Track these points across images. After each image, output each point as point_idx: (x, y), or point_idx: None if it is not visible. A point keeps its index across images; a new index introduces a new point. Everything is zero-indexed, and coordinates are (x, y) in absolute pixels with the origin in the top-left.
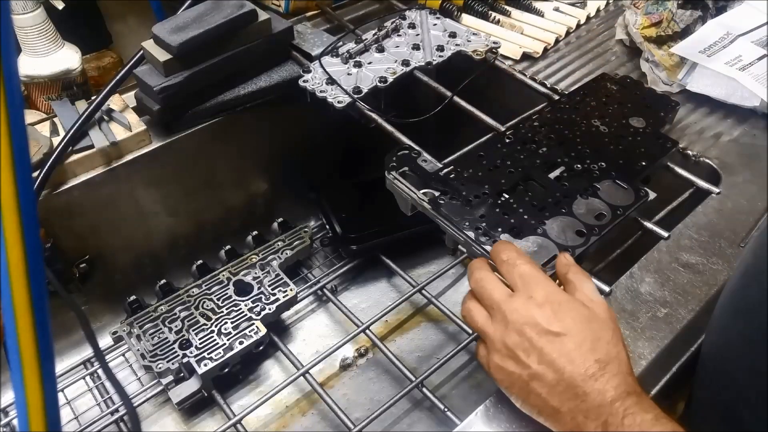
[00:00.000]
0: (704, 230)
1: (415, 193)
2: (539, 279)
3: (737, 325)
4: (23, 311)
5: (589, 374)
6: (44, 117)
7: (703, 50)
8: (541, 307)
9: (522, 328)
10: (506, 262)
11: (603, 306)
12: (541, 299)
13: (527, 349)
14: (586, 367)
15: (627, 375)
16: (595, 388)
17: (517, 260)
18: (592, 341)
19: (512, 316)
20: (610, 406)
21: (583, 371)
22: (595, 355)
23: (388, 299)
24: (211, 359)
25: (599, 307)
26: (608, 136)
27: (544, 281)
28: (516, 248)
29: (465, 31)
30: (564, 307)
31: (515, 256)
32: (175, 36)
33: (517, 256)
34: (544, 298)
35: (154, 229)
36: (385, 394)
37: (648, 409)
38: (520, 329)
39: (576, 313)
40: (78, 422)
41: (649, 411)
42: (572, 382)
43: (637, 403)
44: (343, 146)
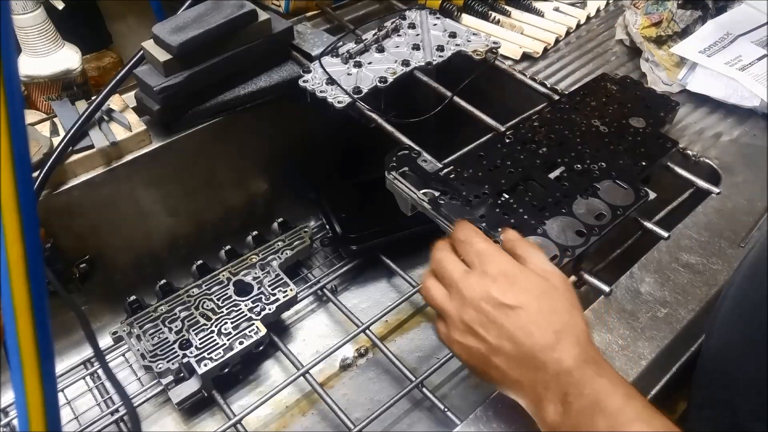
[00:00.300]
0: (704, 230)
1: (415, 193)
2: (494, 255)
3: (739, 326)
4: (23, 311)
5: (546, 345)
6: (44, 117)
7: (703, 50)
8: (495, 281)
9: (479, 304)
10: (463, 241)
11: (557, 275)
12: (495, 273)
13: (485, 324)
14: (544, 338)
15: (585, 343)
16: (553, 357)
17: (473, 239)
18: (548, 312)
19: (468, 293)
20: (568, 375)
21: (540, 342)
22: (552, 326)
23: (388, 299)
24: (211, 359)
25: (554, 276)
26: (608, 136)
27: (498, 256)
28: (473, 228)
29: (465, 31)
30: (519, 279)
31: (472, 234)
32: (175, 36)
33: (473, 234)
34: (498, 272)
35: (154, 229)
36: (385, 394)
37: (606, 375)
38: (477, 305)
39: (531, 285)
40: (78, 422)
41: (605, 377)
42: (530, 354)
43: (596, 372)
44: (343, 146)
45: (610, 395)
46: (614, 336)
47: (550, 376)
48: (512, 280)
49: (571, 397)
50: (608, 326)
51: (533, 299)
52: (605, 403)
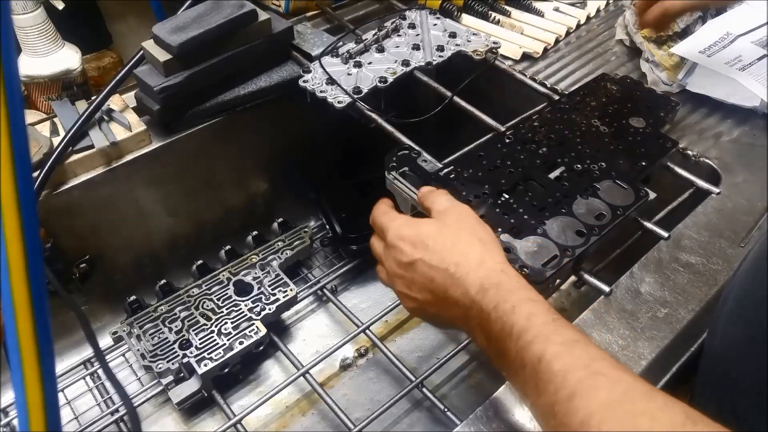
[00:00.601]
0: (704, 230)
1: (415, 193)
2: (387, 225)
3: (740, 326)
4: (23, 311)
5: (449, 283)
6: (44, 117)
7: (703, 50)
8: (394, 248)
9: (394, 271)
10: (373, 223)
11: (451, 213)
12: (392, 241)
13: (407, 285)
14: (444, 276)
15: (488, 268)
16: (460, 291)
17: (374, 218)
18: (442, 251)
19: (386, 265)
20: (474, 306)
21: (444, 282)
22: (448, 263)
23: (388, 299)
24: (211, 359)
25: (447, 215)
26: (608, 136)
27: (392, 224)
28: (379, 207)
29: (465, 31)
30: (411, 236)
31: (375, 214)
32: (175, 36)
33: (376, 214)
34: (394, 238)
35: (154, 229)
36: (385, 394)
37: (508, 298)
38: (393, 272)
39: (423, 235)
40: (78, 422)
41: (508, 300)
42: (443, 295)
43: (497, 294)
44: (343, 146)
45: (514, 318)
46: (614, 336)
47: (464, 311)
48: (408, 240)
49: (484, 323)
50: (608, 326)
51: (425, 248)
52: (510, 327)
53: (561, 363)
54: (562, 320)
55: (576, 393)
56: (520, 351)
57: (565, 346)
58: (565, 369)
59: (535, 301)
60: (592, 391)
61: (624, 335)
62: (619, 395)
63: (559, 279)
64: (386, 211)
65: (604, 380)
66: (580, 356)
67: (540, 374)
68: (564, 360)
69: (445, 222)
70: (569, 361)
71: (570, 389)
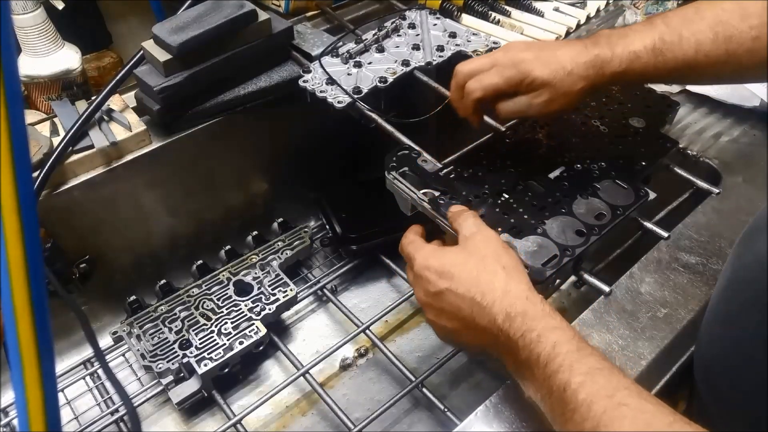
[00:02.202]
0: (704, 230)
1: (415, 193)
2: (414, 254)
3: (724, 335)
4: (23, 311)
5: (477, 312)
6: (44, 117)
7: None
8: (421, 278)
9: (423, 301)
10: (401, 250)
11: (478, 239)
12: (420, 271)
13: (437, 314)
14: (472, 306)
15: (505, 298)
16: (485, 322)
17: (402, 247)
18: (468, 281)
19: (416, 294)
20: (501, 334)
21: (472, 312)
22: (475, 292)
23: (388, 299)
24: (211, 359)
25: (474, 242)
26: (608, 136)
27: (419, 254)
28: (407, 235)
29: (465, 31)
30: (438, 266)
31: (403, 243)
32: (175, 36)
33: (404, 243)
34: (420, 268)
35: (154, 229)
36: (385, 394)
37: (535, 327)
38: (423, 302)
39: (449, 264)
40: (78, 422)
41: (534, 329)
42: (472, 323)
43: (523, 322)
44: (343, 146)
45: (540, 347)
46: (614, 336)
47: (493, 336)
48: (434, 270)
49: (512, 351)
50: (608, 326)
51: (451, 277)
52: (537, 356)
53: (585, 393)
54: (586, 347)
55: (601, 424)
56: (547, 379)
57: (589, 375)
58: (590, 399)
59: (560, 329)
60: (616, 422)
61: (624, 335)
62: (643, 425)
63: (559, 279)
64: (413, 240)
65: (627, 411)
66: (604, 386)
67: (566, 403)
68: (588, 389)
69: (469, 250)
70: (593, 391)
71: (595, 420)
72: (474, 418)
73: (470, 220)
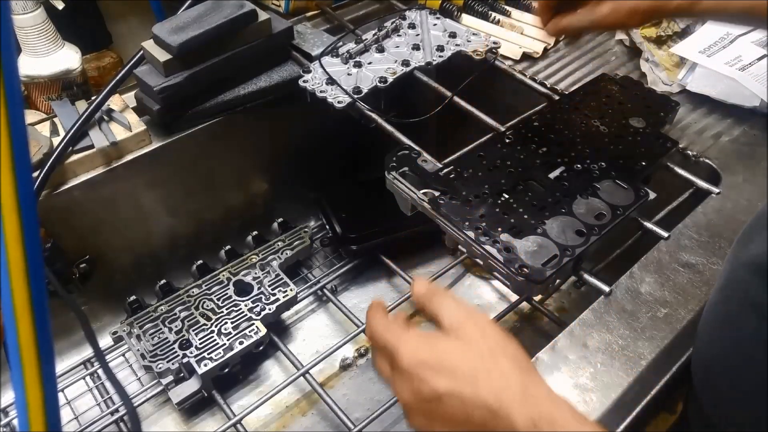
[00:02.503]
0: (704, 230)
1: (415, 193)
2: (396, 348)
3: (722, 335)
4: (23, 311)
5: (487, 420)
6: (44, 117)
7: (703, 50)
8: (410, 379)
9: (411, 405)
10: (372, 339)
11: (472, 327)
12: (406, 369)
13: (430, 419)
14: (482, 414)
15: (525, 402)
16: (504, 426)
17: (375, 335)
18: (475, 380)
19: (399, 395)
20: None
21: (480, 419)
22: (486, 395)
23: (388, 299)
24: (211, 359)
25: (468, 331)
26: (608, 136)
27: (402, 348)
28: (376, 319)
29: (465, 31)
30: (430, 362)
31: (375, 329)
32: (175, 36)
33: (376, 329)
34: (408, 366)
35: (154, 229)
36: (385, 394)
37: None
38: (410, 406)
39: (449, 356)
40: (78, 422)
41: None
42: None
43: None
44: (343, 146)
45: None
46: (614, 336)
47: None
48: (427, 366)
49: None
50: (608, 326)
51: (452, 376)
52: None
53: None
54: None
55: None
56: None
57: None
58: None
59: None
60: None
61: (624, 335)
62: None
63: (559, 279)
64: (388, 326)
65: None
66: None
67: None
68: None
69: (466, 339)
70: None
71: None
72: None
73: (451, 303)
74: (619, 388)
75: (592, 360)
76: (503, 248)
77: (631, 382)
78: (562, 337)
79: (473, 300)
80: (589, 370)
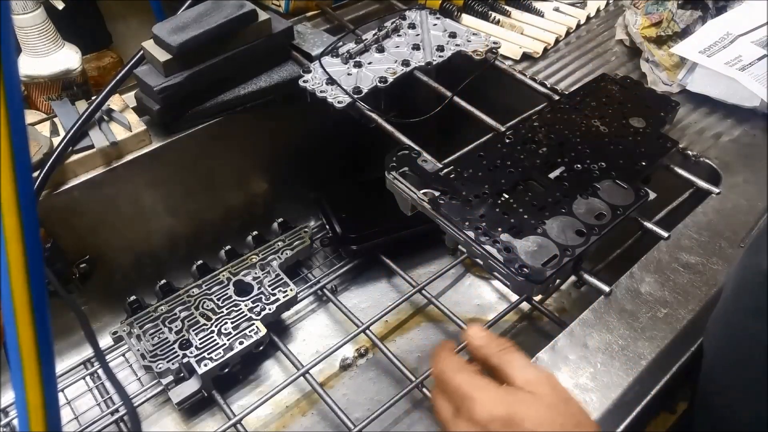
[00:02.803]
0: (704, 230)
1: (415, 193)
2: (474, 395)
3: (727, 346)
4: (23, 311)
5: None
6: (44, 117)
7: (703, 50)
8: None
9: None
10: (441, 379)
11: (543, 382)
12: (483, 420)
13: None
14: None
15: None
16: None
17: (448, 376)
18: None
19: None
20: None
21: None
22: None
23: (388, 299)
24: (211, 359)
25: (540, 386)
26: (608, 136)
27: (481, 395)
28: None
29: (465, 31)
30: (511, 417)
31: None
32: (175, 36)
33: (449, 370)
34: (486, 418)
35: (155, 229)
36: (385, 394)
37: None
38: None
39: (526, 415)
40: (78, 422)
41: None
42: None
43: None
44: (343, 146)
45: None
46: (614, 336)
47: None
48: (501, 424)
49: None
50: (608, 326)
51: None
52: None
53: None
54: None
55: None
56: None
57: None
58: None
59: None
60: None
61: (624, 335)
62: None
63: (559, 279)
64: (462, 369)
65: None
66: None
67: None
68: None
69: (543, 400)
70: None
71: None
72: None
73: (518, 356)
74: (619, 388)
75: (592, 360)
76: (503, 248)
77: (631, 382)
78: (562, 337)
79: (473, 300)
80: (589, 370)
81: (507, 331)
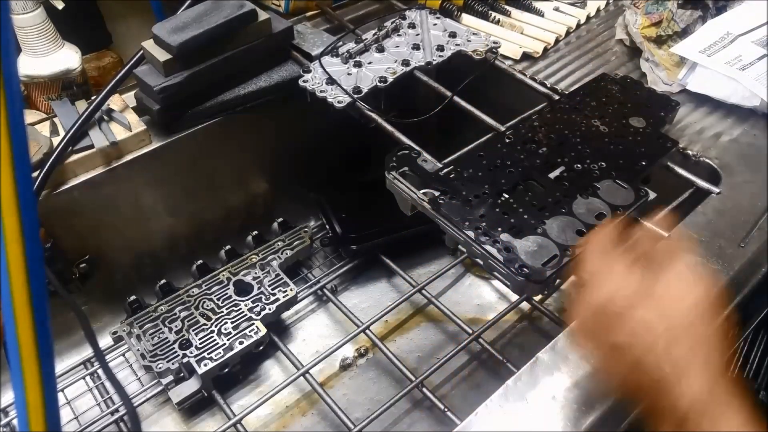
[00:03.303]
0: (704, 230)
1: (415, 193)
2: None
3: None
4: (23, 311)
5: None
6: (44, 117)
7: (703, 50)
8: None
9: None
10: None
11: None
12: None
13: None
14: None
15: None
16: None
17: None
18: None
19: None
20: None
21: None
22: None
23: (388, 299)
24: (211, 359)
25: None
26: (608, 136)
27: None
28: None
29: (465, 31)
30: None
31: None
32: (175, 36)
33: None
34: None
35: (154, 229)
36: (385, 394)
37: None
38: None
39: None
40: (78, 422)
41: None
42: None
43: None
44: (343, 146)
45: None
46: None
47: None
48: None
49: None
50: None
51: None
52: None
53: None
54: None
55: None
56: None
57: None
58: None
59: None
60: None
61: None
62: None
63: (559, 279)
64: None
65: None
66: None
67: None
68: None
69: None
70: None
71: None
72: (474, 418)
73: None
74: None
75: (592, 360)
76: (503, 248)
77: None
78: (562, 337)
79: (473, 300)
80: (590, 370)
81: (507, 331)
